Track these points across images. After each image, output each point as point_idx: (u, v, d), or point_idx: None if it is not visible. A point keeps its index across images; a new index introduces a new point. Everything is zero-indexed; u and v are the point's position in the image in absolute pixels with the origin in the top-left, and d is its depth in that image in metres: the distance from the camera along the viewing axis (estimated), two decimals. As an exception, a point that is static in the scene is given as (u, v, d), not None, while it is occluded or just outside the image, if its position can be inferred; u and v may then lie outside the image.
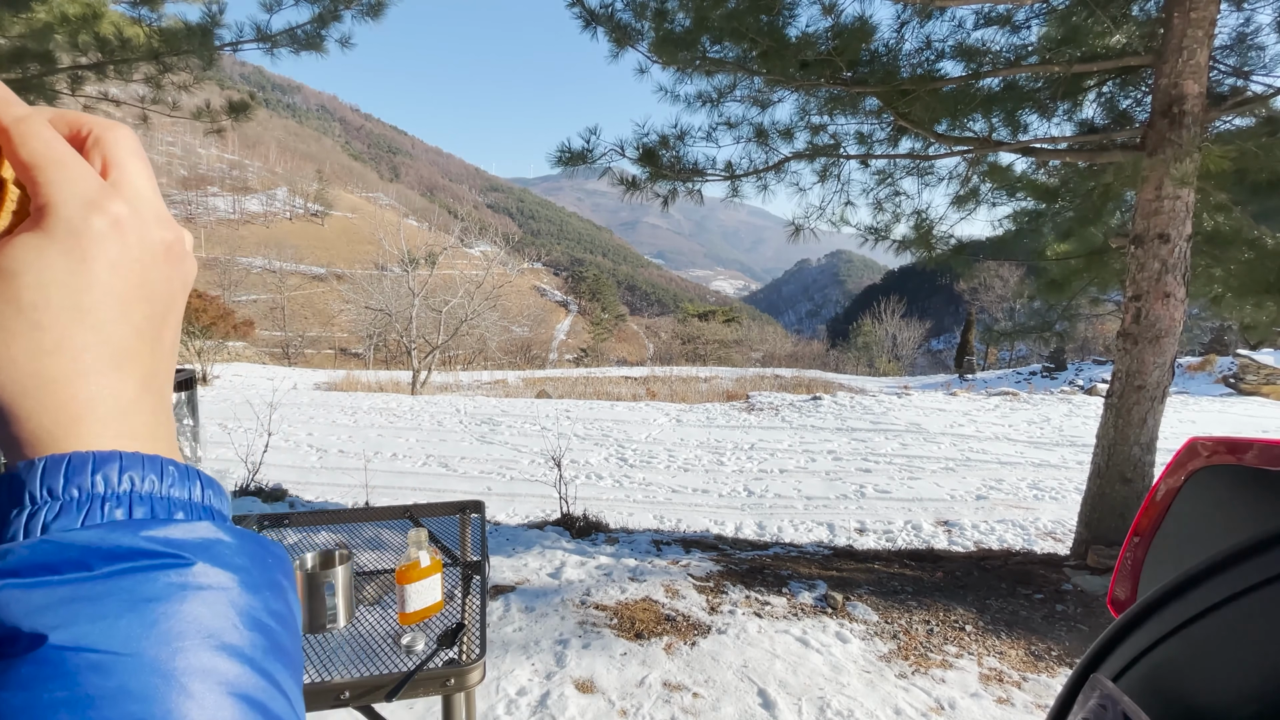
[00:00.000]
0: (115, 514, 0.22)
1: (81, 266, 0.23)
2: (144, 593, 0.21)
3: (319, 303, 64.69)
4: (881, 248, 5.03)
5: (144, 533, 0.22)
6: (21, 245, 0.22)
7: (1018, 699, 2.44)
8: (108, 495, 0.22)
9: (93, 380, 0.23)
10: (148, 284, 0.25)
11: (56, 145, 0.23)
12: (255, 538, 0.26)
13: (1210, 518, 0.77)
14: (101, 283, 0.23)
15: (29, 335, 0.22)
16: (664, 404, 13.86)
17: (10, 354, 0.22)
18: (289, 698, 0.24)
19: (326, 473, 7.37)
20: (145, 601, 0.21)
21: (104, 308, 0.23)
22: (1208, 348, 21.87)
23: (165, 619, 0.21)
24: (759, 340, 50.48)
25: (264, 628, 0.24)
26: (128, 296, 0.24)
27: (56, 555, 0.20)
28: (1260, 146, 3.24)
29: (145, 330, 0.25)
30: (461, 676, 1.12)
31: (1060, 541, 4.82)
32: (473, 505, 1.81)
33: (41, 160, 0.23)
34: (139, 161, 0.26)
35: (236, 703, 0.21)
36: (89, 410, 0.23)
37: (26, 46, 4.04)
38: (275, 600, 0.25)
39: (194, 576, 0.22)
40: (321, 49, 4.46)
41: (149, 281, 0.25)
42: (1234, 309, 4.31)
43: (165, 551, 0.22)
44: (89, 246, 0.23)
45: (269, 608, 0.24)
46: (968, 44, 4.14)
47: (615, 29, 4.05)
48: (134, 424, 0.24)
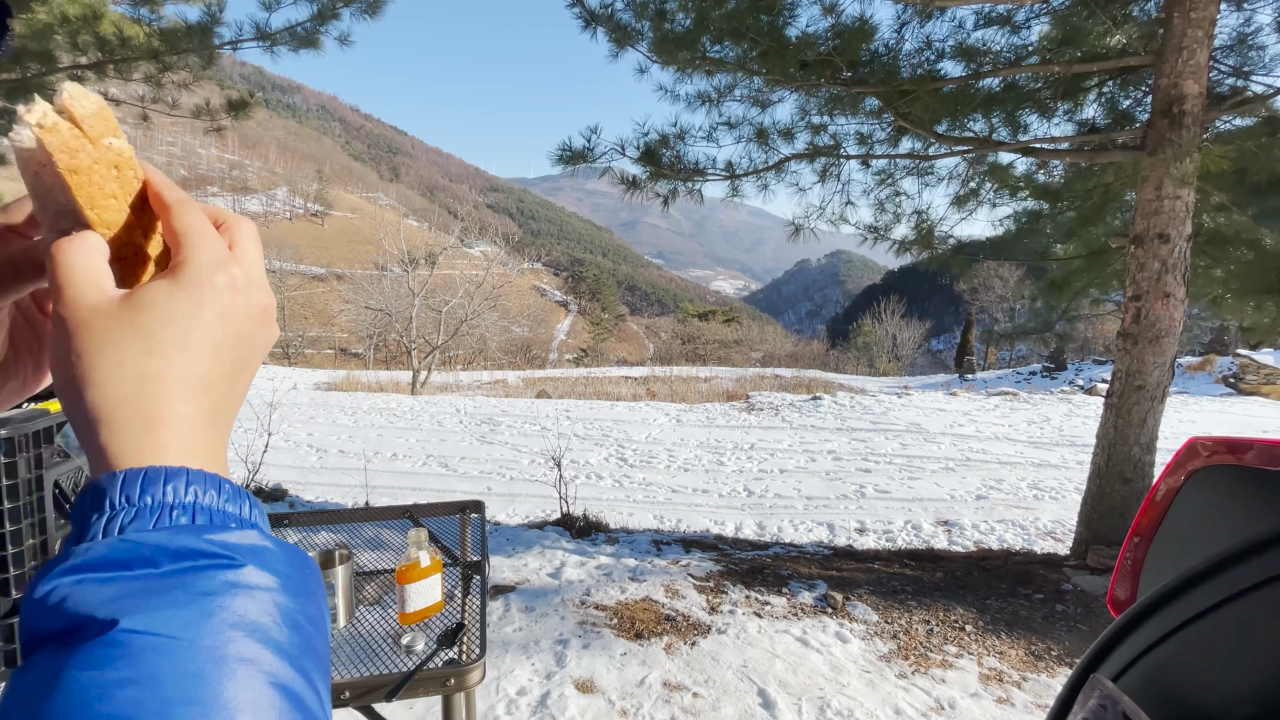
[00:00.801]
0: (180, 520, 0.26)
1: (196, 311, 0.28)
2: (202, 588, 0.24)
3: (319, 303, 64.68)
4: (882, 247, 5.03)
5: (205, 536, 0.25)
6: (156, 287, 0.28)
7: (1018, 699, 2.44)
8: (175, 504, 0.26)
9: (177, 405, 0.27)
10: (241, 335, 0.30)
11: (201, 221, 0.30)
12: (295, 549, 0.29)
13: (1210, 518, 0.77)
14: (207, 326, 0.28)
15: (140, 358, 0.27)
16: (664, 404, 13.86)
17: (121, 371, 0.26)
18: (320, 696, 0.26)
19: (326, 473, 7.37)
20: (203, 595, 0.24)
21: (203, 347, 0.28)
22: (1208, 348, 21.87)
23: (219, 611, 0.24)
24: (759, 340, 50.48)
25: (301, 628, 0.26)
26: (224, 342, 0.29)
27: (130, 553, 0.24)
28: (1260, 147, 3.24)
29: (228, 372, 0.29)
30: (461, 676, 1.12)
31: (1060, 541, 4.82)
32: (473, 505, 1.81)
33: (188, 229, 0.30)
34: (255, 244, 0.32)
35: (275, 691, 0.23)
36: (168, 430, 0.27)
37: (27, 46, 4.04)
38: (310, 606, 0.28)
39: (244, 577, 0.25)
40: (320, 47, 4.47)
41: (243, 334, 0.30)
42: (1234, 310, 4.31)
43: (221, 554, 0.25)
44: (207, 296, 0.28)
45: (305, 611, 0.27)
46: (968, 44, 4.14)
47: (615, 29, 4.05)
48: (201, 447, 0.28)
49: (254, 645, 0.24)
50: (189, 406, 0.27)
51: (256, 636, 0.24)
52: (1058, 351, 23.31)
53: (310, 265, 77.94)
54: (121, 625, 0.22)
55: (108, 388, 0.26)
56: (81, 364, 0.26)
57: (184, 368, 0.27)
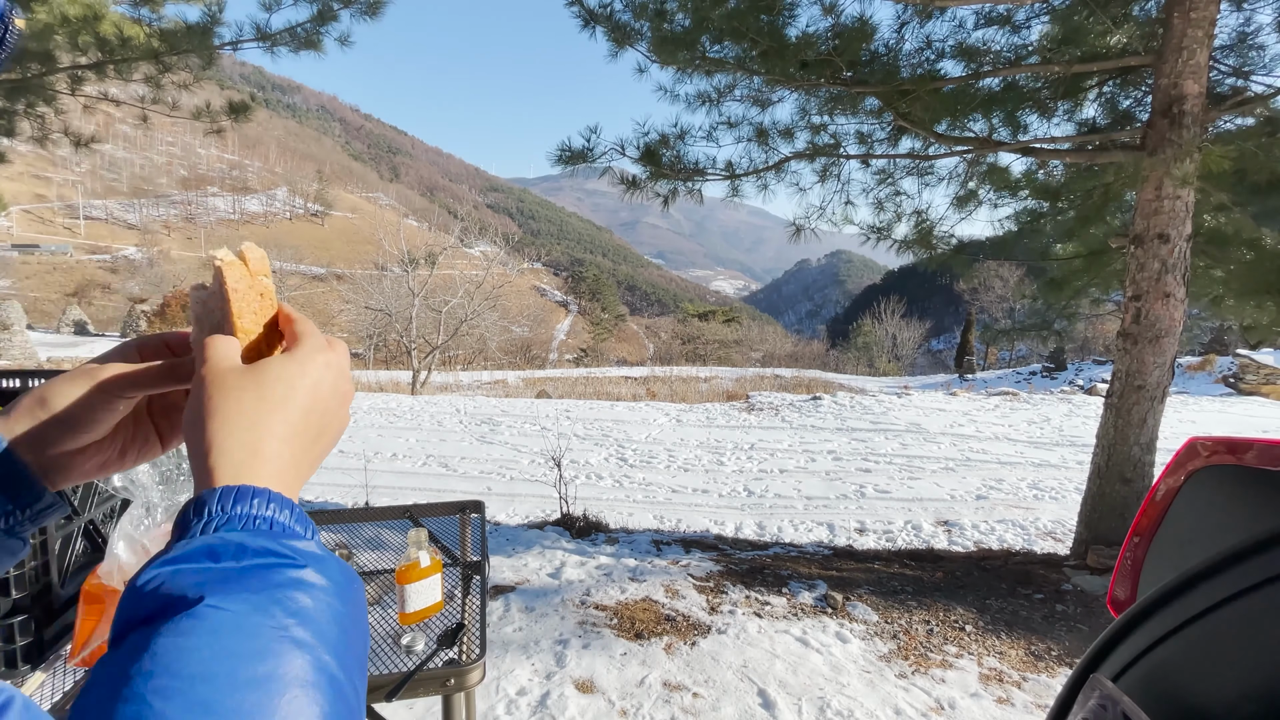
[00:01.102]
0: (261, 528, 0.32)
1: (300, 377, 0.38)
2: (273, 580, 0.30)
3: (319, 303, 64.65)
4: (882, 247, 5.03)
5: (280, 540, 0.32)
6: (274, 358, 0.39)
7: (1018, 699, 2.44)
8: (258, 516, 0.32)
9: (273, 444, 0.35)
10: (327, 407, 0.39)
11: (314, 326, 0.42)
12: (346, 565, 0.35)
13: (1210, 518, 0.77)
14: (305, 390, 0.38)
15: (253, 403, 0.35)
16: (664, 404, 13.86)
17: (239, 409, 0.35)
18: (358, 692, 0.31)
19: (326, 473, 7.37)
20: (274, 586, 0.29)
21: (297, 406, 0.37)
22: (1208, 348, 21.87)
23: (285, 600, 0.29)
24: (759, 340, 50.46)
25: (346, 630, 0.31)
26: (314, 406, 0.38)
27: (219, 548, 0.30)
28: (1260, 146, 3.24)
29: (312, 430, 0.38)
30: (461, 677, 1.12)
31: (1060, 541, 4.82)
32: (473, 505, 1.81)
33: (305, 328, 0.41)
34: (347, 354, 0.42)
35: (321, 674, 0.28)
36: (264, 462, 0.34)
37: (27, 47, 4.04)
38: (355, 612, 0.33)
39: (306, 576, 0.31)
40: (320, 48, 4.47)
41: (328, 406, 0.39)
42: (1234, 310, 4.31)
43: (290, 555, 0.31)
44: (308, 369, 0.39)
45: (351, 616, 0.32)
46: (968, 44, 4.14)
47: (614, 28, 4.05)
48: (284, 480, 0.35)
49: (308, 633, 0.29)
50: (281, 448, 0.35)
51: (310, 627, 0.29)
52: (1058, 351, 23.31)
53: (310, 265, 77.90)
54: (206, 601, 0.27)
55: (226, 422, 0.34)
56: (209, 403, 0.35)
57: (283, 417, 0.36)
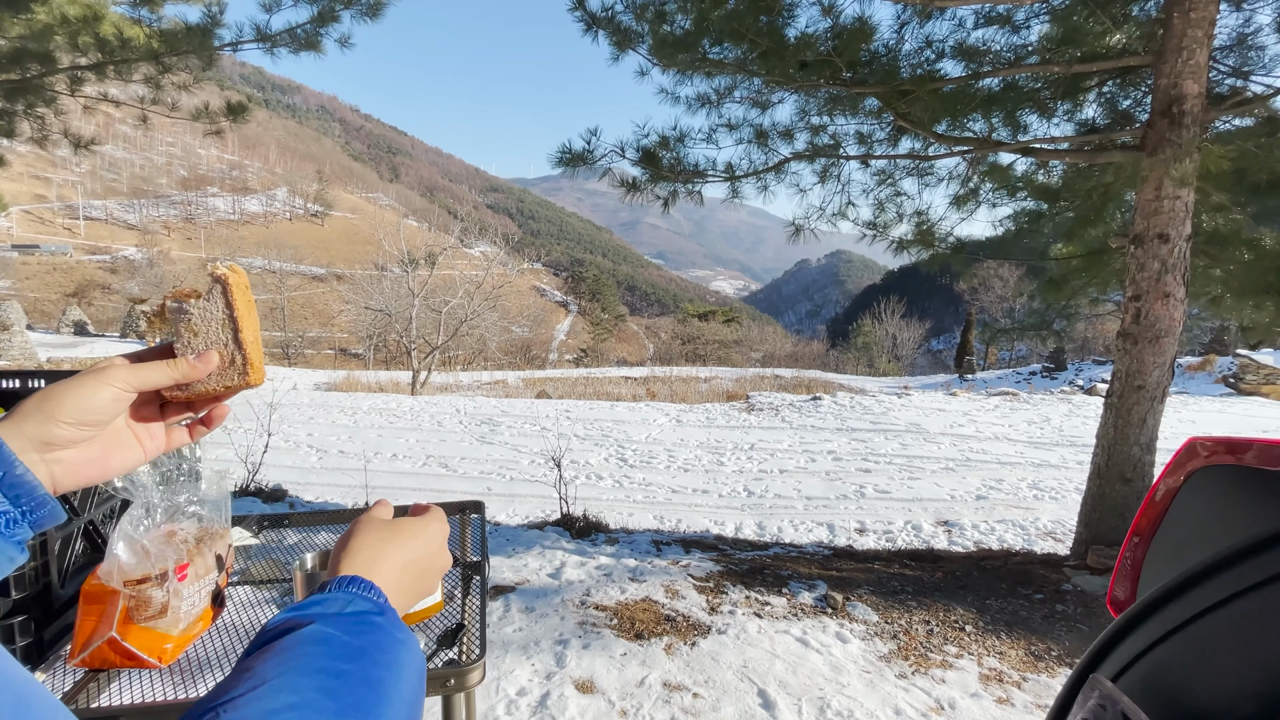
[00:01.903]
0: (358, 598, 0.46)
1: (421, 534, 0.56)
2: (361, 627, 0.43)
3: (319, 303, 64.69)
4: (881, 247, 5.03)
5: (368, 601, 0.46)
6: (412, 519, 0.58)
7: (1018, 699, 2.44)
8: (358, 593, 0.46)
9: (388, 563, 0.52)
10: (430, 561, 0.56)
11: (441, 513, 0.61)
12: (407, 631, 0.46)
13: (1209, 518, 0.77)
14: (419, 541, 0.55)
15: (382, 538, 0.53)
16: (664, 404, 13.86)
17: (375, 538, 0.53)
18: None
19: (326, 473, 7.37)
20: (362, 632, 0.42)
21: (414, 549, 0.55)
22: (1208, 348, 21.87)
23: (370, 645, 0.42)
24: (759, 340, 50.46)
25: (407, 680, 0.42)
26: (421, 556, 0.55)
27: (327, 604, 0.44)
28: (1260, 147, 3.24)
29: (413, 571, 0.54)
30: (461, 677, 1.12)
31: (1060, 541, 4.82)
32: (473, 505, 1.81)
33: (437, 512, 0.60)
34: (447, 533, 0.59)
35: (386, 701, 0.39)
36: (378, 572, 0.50)
37: (27, 47, 4.04)
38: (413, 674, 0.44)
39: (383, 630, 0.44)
40: (320, 49, 4.47)
41: (431, 561, 0.56)
42: (1233, 309, 4.31)
43: (371, 613, 0.45)
44: (428, 532, 0.57)
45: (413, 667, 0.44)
46: (968, 44, 4.14)
47: (616, 32, 4.05)
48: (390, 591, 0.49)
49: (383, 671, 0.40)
50: (394, 569, 0.51)
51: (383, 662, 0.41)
52: (1057, 351, 23.31)
53: (310, 265, 77.90)
54: (315, 624, 0.41)
55: (361, 543, 0.52)
56: (354, 531, 0.53)
57: (398, 552, 0.53)
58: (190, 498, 1.05)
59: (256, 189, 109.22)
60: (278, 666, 0.36)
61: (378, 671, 0.39)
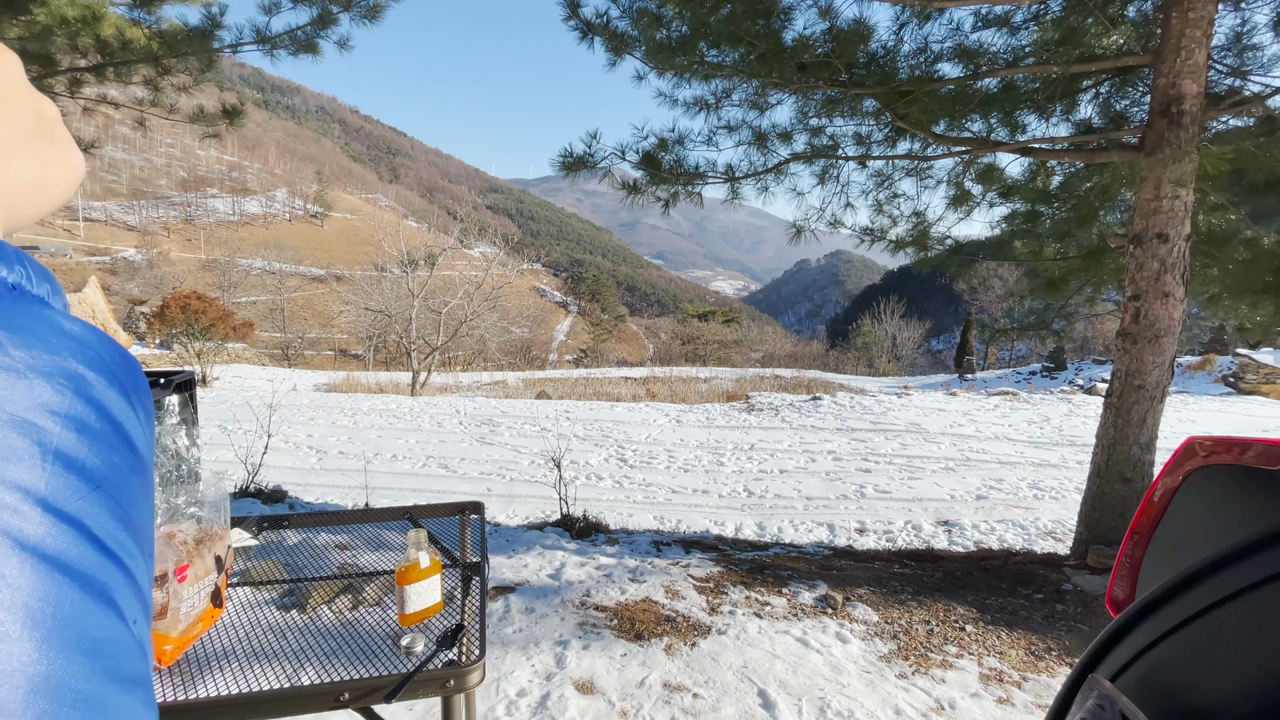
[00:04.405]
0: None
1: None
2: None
3: (318, 304, 64.66)
4: (879, 248, 5.04)
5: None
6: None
7: (1018, 699, 2.44)
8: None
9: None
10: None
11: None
12: (37, 307, 0.22)
13: (1208, 517, 0.77)
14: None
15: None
16: (664, 404, 13.86)
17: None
18: (98, 540, 0.19)
19: (326, 474, 7.37)
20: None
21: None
22: (1207, 347, 21.88)
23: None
24: (759, 340, 50.47)
25: (30, 428, 0.19)
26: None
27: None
28: (1258, 146, 3.25)
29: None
30: (461, 678, 1.12)
31: (1060, 541, 4.82)
32: (472, 506, 1.81)
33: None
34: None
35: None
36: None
37: (26, 49, 4.04)
38: (62, 393, 0.20)
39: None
40: (319, 53, 4.47)
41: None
42: (1230, 309, 4.32)
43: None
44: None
45: (40, 401, 0.20)
46: (966, 45, 4.14)
47: (612, 38, 4.06)
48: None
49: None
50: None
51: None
52: (1057, 351, 23.32)
53: (310, 267, 77.90)
54: None
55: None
56: None
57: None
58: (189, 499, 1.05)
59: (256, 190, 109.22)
60: None
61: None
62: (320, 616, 1.33)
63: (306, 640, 1.23)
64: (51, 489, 0.18)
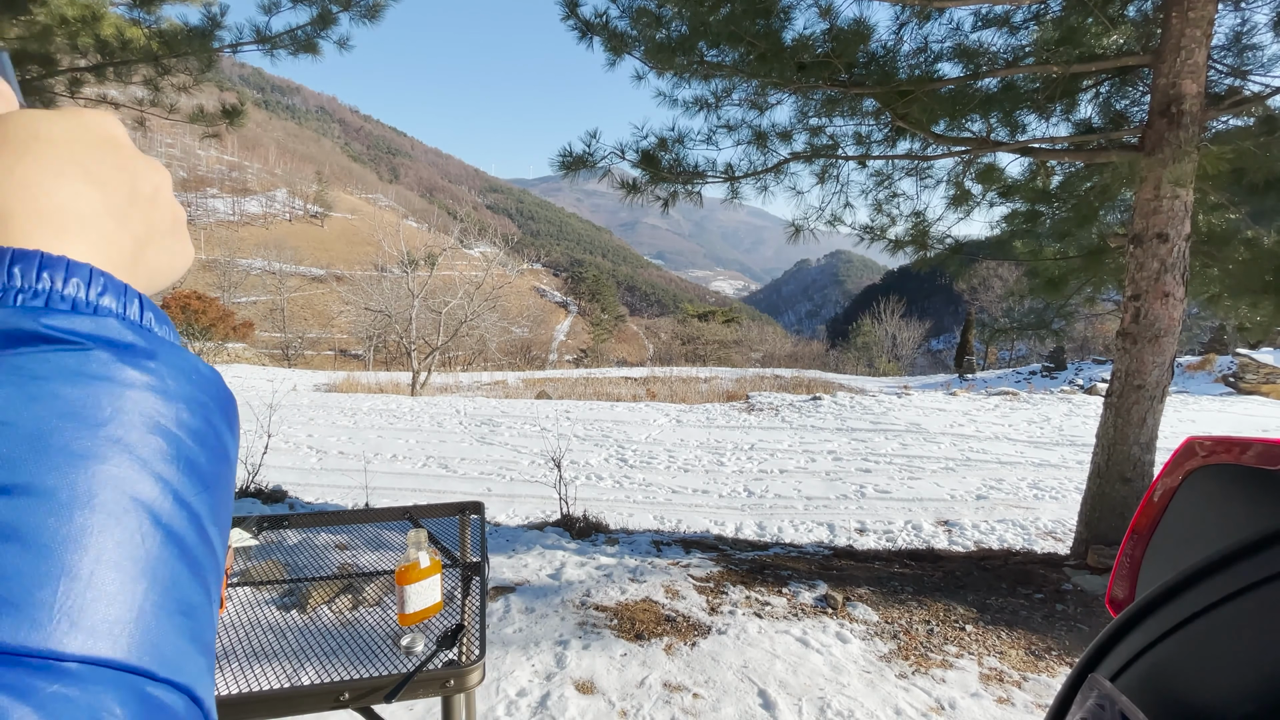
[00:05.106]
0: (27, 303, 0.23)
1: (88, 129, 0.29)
2: (32, 370, 0.21)
3: (319, 304, 64.65)
4: (878, 247, 5.04)
5: (45, 320, 0.23)
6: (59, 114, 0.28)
7: (1018, 699, 2.44)
8: (23, 288, 0.23)
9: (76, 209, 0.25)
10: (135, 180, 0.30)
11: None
12: (181, 351, 0.27)
13: (1208, 517, 0.77)
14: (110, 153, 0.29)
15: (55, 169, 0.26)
16: (664, 404, 13.86)
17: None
18: (207, 539, 0.25)
19: (326, 474, 7.37)
20: (31, 379, 0.21)
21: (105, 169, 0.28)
22: (1207, 347, 21.88)
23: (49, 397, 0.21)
24: (759, 340, 50.47)
25: (172, 438, 0.24)
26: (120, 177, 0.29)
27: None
28: (1258, 146, 3.25)
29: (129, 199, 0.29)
30: (461, 677, 1.12)
31: (1060, 541, 4.82)
32: (472, 506, 1.81)
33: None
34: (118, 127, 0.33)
35: (118, 494, 0.21)
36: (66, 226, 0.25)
37: (26, 49, 4.04)
38: (194, 416, 0.26)
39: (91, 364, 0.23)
40: (319, 53, 4.47)
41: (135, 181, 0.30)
42: (1230, 309, 4.32)
43: (64, 338, 0.23)
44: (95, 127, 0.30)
45: (180, 419, 0.25)
46: (966, 45, 4.14)
47: (611, 37, 4.06)
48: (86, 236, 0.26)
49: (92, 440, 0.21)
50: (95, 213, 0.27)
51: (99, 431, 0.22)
52: (1057, 351, 23.32)
53: (310, 267, 77.88)
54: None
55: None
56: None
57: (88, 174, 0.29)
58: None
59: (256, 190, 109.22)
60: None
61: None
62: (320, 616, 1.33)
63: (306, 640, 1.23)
64: (180, 484, 0.24)
